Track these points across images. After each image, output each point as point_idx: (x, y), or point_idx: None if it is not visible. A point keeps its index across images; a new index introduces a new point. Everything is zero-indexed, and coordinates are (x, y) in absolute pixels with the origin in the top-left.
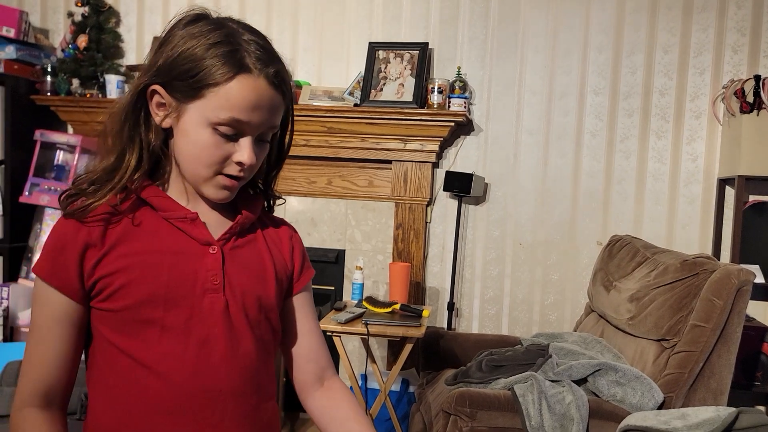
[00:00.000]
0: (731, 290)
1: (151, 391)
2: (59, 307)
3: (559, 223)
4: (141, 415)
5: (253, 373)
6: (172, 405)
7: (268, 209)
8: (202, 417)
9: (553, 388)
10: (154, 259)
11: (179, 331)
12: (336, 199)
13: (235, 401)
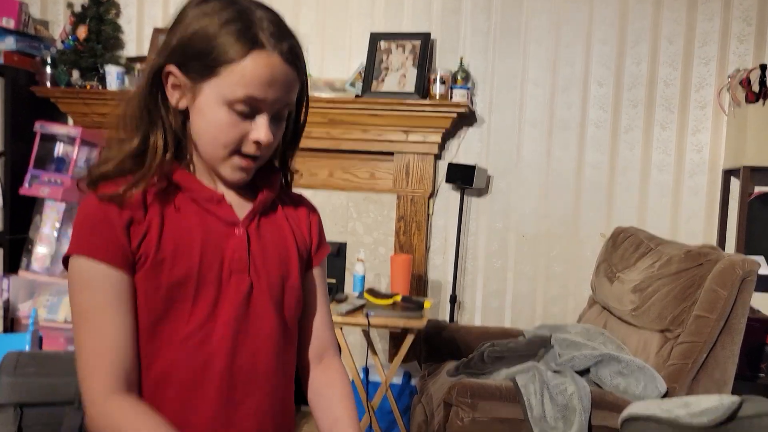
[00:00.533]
0: (735, 280)
1: (175, 368)
2: (116, 284)
3: (563, 215)
4: (163, 390)
5: (276, 354)
6: (196, 382)
7: (286, 185)
8: (227, 396)
9: (555, 378)
10: (187, 239)
11: (207, 312)
12: (337, 192)
13: (258, 381)
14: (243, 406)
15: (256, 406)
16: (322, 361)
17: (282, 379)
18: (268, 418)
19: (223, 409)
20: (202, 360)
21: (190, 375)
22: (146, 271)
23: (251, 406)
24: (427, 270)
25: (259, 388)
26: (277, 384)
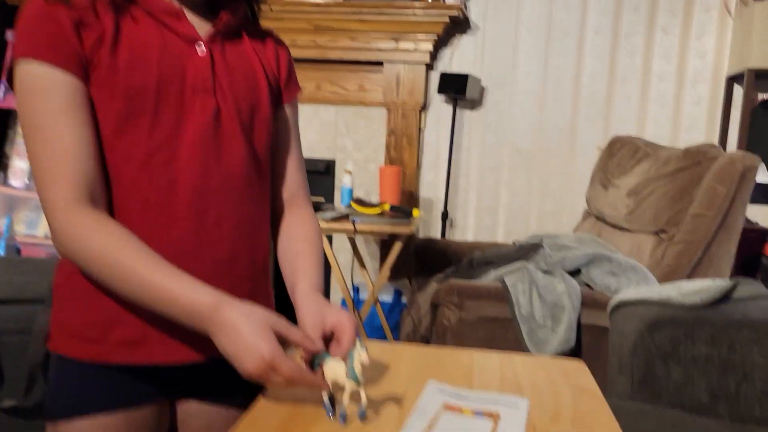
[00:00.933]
0: (735, 176)
1: (139, 188)
2: (69, 89)
3: (559, 128)
4: (129, 212)
5: (248, 185)
6: (164, 204)
7: (253, 19)
8: (197, 219)
9: (544, 278)
10: (144, 50)
11: (170, 129)
12: (325, 105)
13: (230, 208)
14: (216, 231)
15: (228, 233)
16: (293, 205)
17: (256, 215)
18: (242, 250)
19: (195, 233)
20: (168, 180)
21: (157, 196)
22: (100, 78)
23: (224, 231)
24: (418, 186)
25: (232, 215)
26: (251, 219)
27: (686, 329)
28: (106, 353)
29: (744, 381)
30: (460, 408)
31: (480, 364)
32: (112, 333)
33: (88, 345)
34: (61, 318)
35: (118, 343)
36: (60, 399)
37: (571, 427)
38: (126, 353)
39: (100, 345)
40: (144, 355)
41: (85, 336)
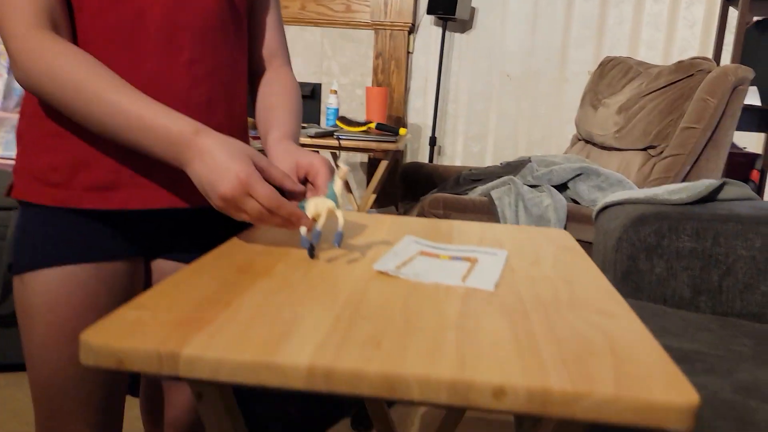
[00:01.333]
0: (727, 88)
1: (105, 18)
2: None
3: (550, 52)
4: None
5: (218, 23)
6: (132, 37)
7: None
8: (168, 54)
9: (531, 192)
10: None
11: None
12: (311, 27)
13: (205, 48)
14: (189, 72)
15: (202, 77)
16: (272, 64)
17: (232, 66)
18: (219, 100)
19: (166, 72)
20: (135, 10)
21: (122, 26)
22: None
23: (198, 74)
24: (406, 112)
25: (206, 59)
26: (228, 67)
27: (671, 223)
28: (74, 198)
29: (727, 275)
30: (437, 254)
31: (460, 229)
32: (80, 176)
33: (54, 189)
34: (24, 163)
35: (87, 187)
36: (26, 249)
37: (552, 270)
38: (96, 198)
39: (67, 189)
40: (116, 200)
41: (50, 180)
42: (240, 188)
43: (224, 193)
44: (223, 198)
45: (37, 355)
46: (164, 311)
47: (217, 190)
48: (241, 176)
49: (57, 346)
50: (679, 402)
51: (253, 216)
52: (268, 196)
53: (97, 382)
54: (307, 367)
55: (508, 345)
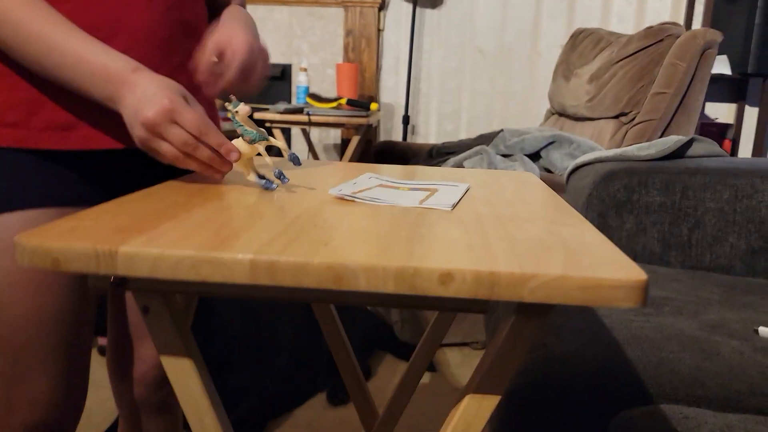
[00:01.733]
0: (696, 51)
1: None
2: None
3: (522, 26)
4: None
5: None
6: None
7: None
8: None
9: (503, 162)
10: None
11: None
12: (278, 6)
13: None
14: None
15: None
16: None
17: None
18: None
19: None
20: None
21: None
22: None
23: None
24: (378, 92)
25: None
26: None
27: (640, 178)
28: (32, 138)
29: (696, 228)
30: (396, 186)
31: (423, 170)
32: (37, 116)
33: (9, 129)
34: None
35: (44, 127)
36: None
37: (513, 196)
38: (55, 138)
39: (23, 129)
40: (76, 140)
41: (6, 119)
42: (165, 113)
43: (147, 117)
44: (146, 123)
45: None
46: (105, 222)
47: (141, 115)
48: (166, 102)
49: (18, 295)
50: (627, 279)
51: (177, 144)
52: (195, 120)
53: (61, 334)
54: (250, 260)
55: (460, 244)
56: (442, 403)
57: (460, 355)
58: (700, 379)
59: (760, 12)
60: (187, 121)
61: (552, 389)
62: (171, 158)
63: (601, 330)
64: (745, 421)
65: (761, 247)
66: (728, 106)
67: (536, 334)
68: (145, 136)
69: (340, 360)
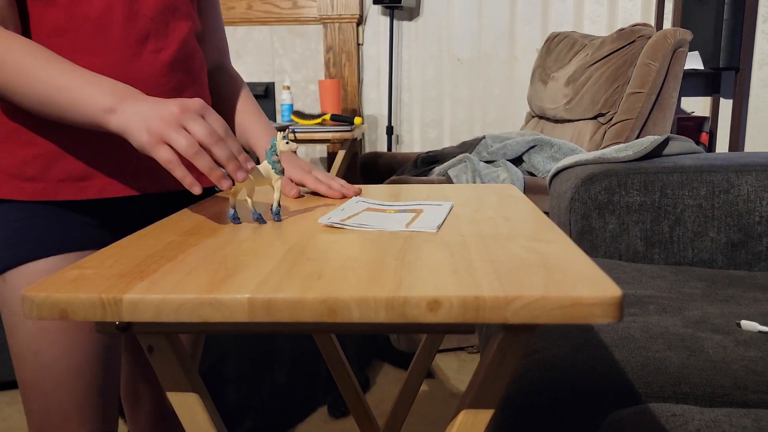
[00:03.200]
0: (667, 51)
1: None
2: None
3: (498, 32)
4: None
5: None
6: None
7: None
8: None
9: (487, 168)
10: None
11: None
12: (259, 26)
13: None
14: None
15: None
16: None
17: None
18: (188, 84)
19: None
20: (101, 4)
21: (93, 18)
22: None
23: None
24: (361, 104)
25: (171, 44)
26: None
27: (620, 179)
28: (50, 190)
29: (676, 225)
30: (383, 209)
31: (408, 190)
32: (54, 169)
33: (29, 183)
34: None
35: (62, 179)
36: (5, 247)
37: (494, 212)
38: (72, 189)
39: (42, 182)
40: (92, 189)
41: (24, 174)
42: (197, 104)
43: (175, 106)
44: (172, 112)
45: (26, 352)
46: (107, 268)
47: (167, 104)
48: (174, 110)
49: (47, 340)
50: (603, 296)
51: (198, 135)
52: (221, 121)
53: (92, 375)
54: (248, 299)
55: (445, 269)
56: (441, 409)
57: (456, 360)
58: (686, 376)
59: (728, 8)
60: (215, 119)
61: (543, 394)
62: (164, 161)
63: (589, 333)
64: (730, 415)
65: (740, 240)
66: (703, 99)
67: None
68: (161, 125)
69: (337, 374)
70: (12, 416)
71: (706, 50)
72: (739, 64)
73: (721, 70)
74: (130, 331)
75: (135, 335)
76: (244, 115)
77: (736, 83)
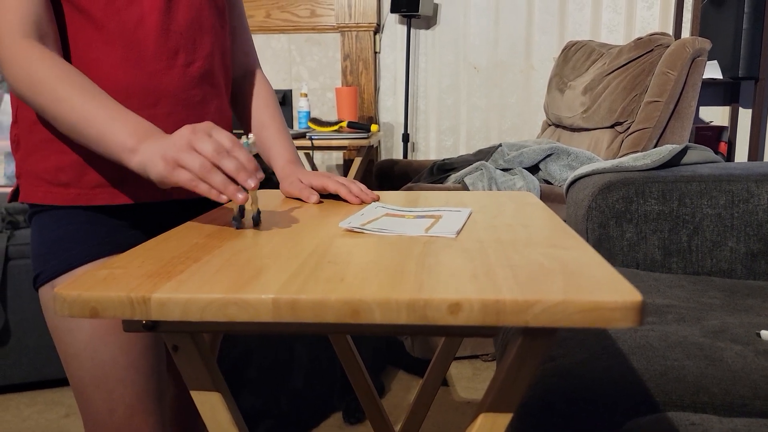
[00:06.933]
0: (686, 60)
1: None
2: None
3: (515, 41)
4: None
5: (213, 33)
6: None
7: None
8: (166, 58)
9: (503, 176)
10: None
11: None
12: (277, 34)
13: (196, 51)
14: (187, 71)
15: (199, 76)
16: (248, 67)
17: (221, 66)
18: (212, 97)
19: (167, 71)
20: (134, 16)
21: (126, 33)
22: None
23: (195, 73)
24: (377, 112)
25: (200, 59)
26: (219, 66)
27: (637, 188)
28: (85, 195)
29: (695, 234)
30: (402, 215)
31: (426, 197)
32: (87, 175)
33: (64, 188)
34: (29, 167)
35: (96, 185)
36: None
37: (512, 218)
38: (107, 194)
39: (77, 188)
40: (126, 195)
41: (58, 180)
42: (204, 125)
43: (186, 131)
44: (183, 136)
45: (84, 352)
46: (135, 268)
47: (179, 133)
48: (188, 128)
49: (103, 339)
50: (624, 300)
51: (207, 153)
52: (230, 136)
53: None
54: (273, 299)
55: (465, 273)
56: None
57: (471, 368)
58: (705, 385)
59: (747, 17)
60: (224, 135)
61: (560, 400)
62: (185, 182)
63: (607, 340)
64: (750, 425)
65: (760, 250)
66: (722, 109)
67: (543, 352)
68: (175, 147)
69: (354, 379)
70: (31, 417)
71: (725, 59)
72: (759, 73)
73: (740, 79)
74: (156, 330)
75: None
76: (268, 132)
77: (755, 93)
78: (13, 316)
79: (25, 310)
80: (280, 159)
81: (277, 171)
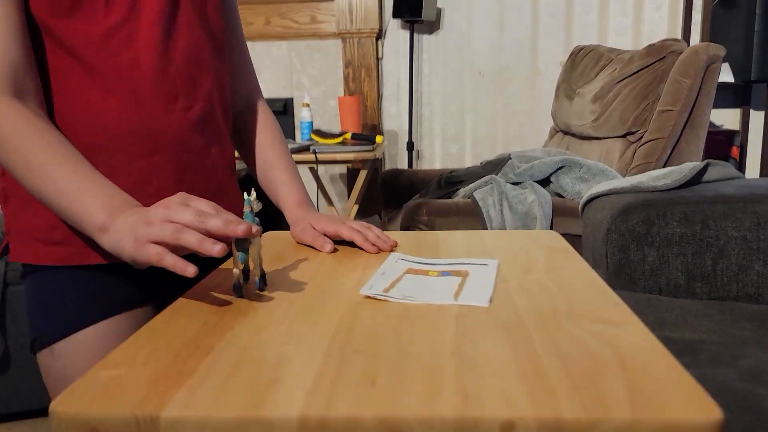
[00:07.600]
0: (700, 67)
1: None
2: None
3: (520, 45)
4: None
5: (211, 68)
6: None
7: None
8: (163, 99)
9: (514, 190)
10: None
11: (125, 11)
12: (277, 42)
13: (195, 93)
14: (186, 115)
15: (199, 119)
16: (251, 101)
17: (222, 108)
18: (213, 140)
19: (165, 115)
20: (129, 59)
21: (121, 76)
22: None
23: (194, 117)
24: (381, 119)
25: (199, 102)
26: (219, 108)
27: (658, 210)
28: (78, 255)
29: (720, 257)
30: (425, 271)
31: (446, 240)
32: (80, 233)
33: (58, 247)
34: (19, 223)
35: (90, 243)
36: (50, 319)
37: (545, 276)
38: (102, 252)
39: (71, 246)
40: None
41: (52, 238)
42: (178, 197)
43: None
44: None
45: None
46: (140, 366)
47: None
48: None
49: None
50: (701, 420)
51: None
52: (206, 201)
53: None
54: (298, 417)
55: (512, 371)
56: None
57: None
58: None
59: (759, 19)
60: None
61: None
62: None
63: None
64: None
65: None
66: (733, 111)
67: None
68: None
69: None
70: None
71: (736, 62)
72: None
73: (752, 82)
74: None
75: None
76: (275, 172)
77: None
78: (12, 343)
79: (24, 336)
80: (290, 201)
81: (287, 214)
